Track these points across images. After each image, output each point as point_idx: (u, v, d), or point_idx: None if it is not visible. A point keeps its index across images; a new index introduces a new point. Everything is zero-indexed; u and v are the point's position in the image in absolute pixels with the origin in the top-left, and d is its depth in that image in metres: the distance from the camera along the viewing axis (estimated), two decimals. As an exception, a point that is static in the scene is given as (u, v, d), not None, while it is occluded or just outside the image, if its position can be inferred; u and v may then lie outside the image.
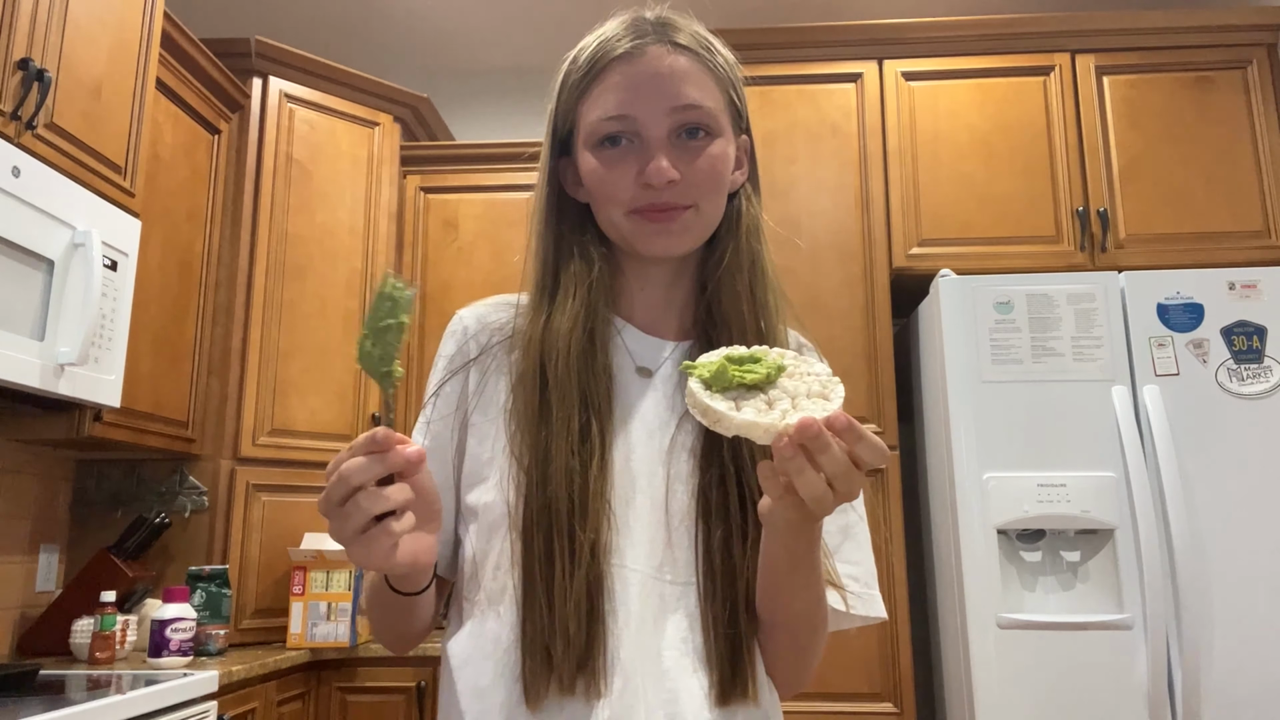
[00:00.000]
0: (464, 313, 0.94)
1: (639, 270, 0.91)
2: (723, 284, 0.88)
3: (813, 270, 2.65)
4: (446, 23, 3.36)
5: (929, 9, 3.18)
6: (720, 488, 0.81)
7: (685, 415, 0.84)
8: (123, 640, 2.25)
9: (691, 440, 0.84)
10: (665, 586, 0.80)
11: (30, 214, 1.83)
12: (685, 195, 0.84)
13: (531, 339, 0.86)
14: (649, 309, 0.91)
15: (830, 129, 2.75)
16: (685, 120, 0.84)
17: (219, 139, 2.74)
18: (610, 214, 0.86)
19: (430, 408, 0.90)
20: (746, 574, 0.79)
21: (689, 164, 0.84)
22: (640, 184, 0.83)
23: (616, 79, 0.84)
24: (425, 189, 3.11)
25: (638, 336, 0.90)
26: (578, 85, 0.87)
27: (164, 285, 2.46)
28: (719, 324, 0.87)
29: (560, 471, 0.79)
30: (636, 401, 0.86)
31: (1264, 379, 2.21)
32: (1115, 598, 2.13)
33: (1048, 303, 2.29)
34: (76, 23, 1.98)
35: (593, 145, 0.85)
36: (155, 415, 2.40)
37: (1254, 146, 2.64)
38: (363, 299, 2.93)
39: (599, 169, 0.85)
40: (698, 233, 0.87)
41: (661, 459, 0.84)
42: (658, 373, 0.88)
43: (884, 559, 2.49)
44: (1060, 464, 2.20)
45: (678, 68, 0.84)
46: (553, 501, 0.78)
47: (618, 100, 0.84)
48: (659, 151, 0.82)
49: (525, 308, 0.89)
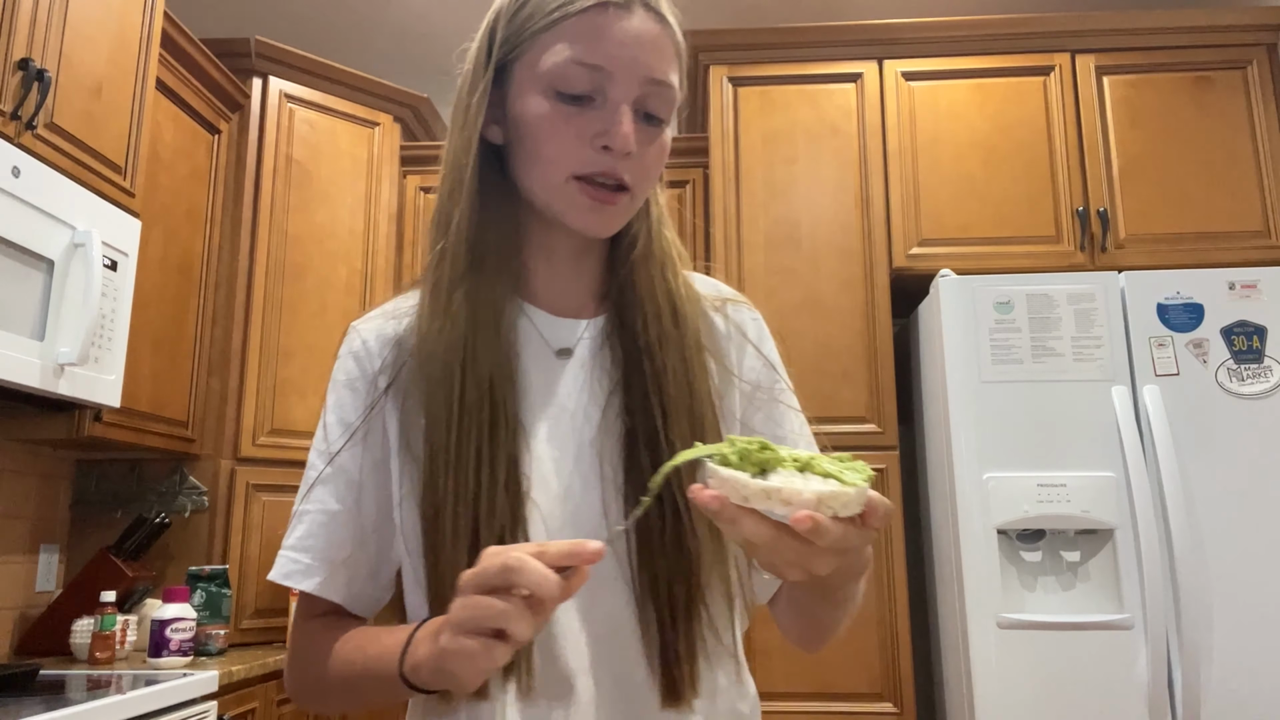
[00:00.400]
0: (362, 327, 0.86)
1: (545, 238, 0.83)
2: (637, 269, 0.82)
3: (813, 270, 2.65)
4: (446, 23, 3.36)
5: (929, 9, 3.17)
6: (653, 470, 0.74)
7: (610, 396, 0.80)
8: (123, 640, 2.25)
9: (616, 426, 0.79)
10: (593, 579, 0.77)
11: (30, 214, 1.83)
12: (633, 176, 0.77)
13: (430, 338, 0.78)
14: (555, 283, 0.84)
15: (830, 129, 2.75)
16: (655, 95, 0.77)
17: (219, 139, 2.74)
18: (548, 174, 0.77)
19: (344, 440, 0.82)
20: (684, 563, 0.74)
21: (644, 144, 0.77)
22: (596, 146, 0.74)
23: (600, 23, 0.74)
24: (425, 189, 3.11)
25: (546, 318, 0.83)
26: (549, 13, 0.76)
27: (164, 285, 2.46)
28: (632, 305, 0.81)
29: (469, 470, 0.73)
30: (557, 385, 0.81)
31: (1264, 379, 2.21)
32: (1115, 598, 2.13)
33: (1048, 303, 2.29)
34: (76, 23, 1.98)
35: (547, 89, 0.75)
36: (155, 415, 2.40)
37: (1254, 146, 2.64)
38: (363, 299, 2.93)
39: (551, 120, 0.75)
40: (626, 218, 0.81)
41: (590, 450, 0.78)
42: (575, 352, 0.83)
43: (884, 559, 2.50)
44: (1060, 464, 2.20)
45: (660, 40, 0.77)
46: (458, 500, 0.73)
47: (596, 47, 0.74)
48: (626, 117, 0.74)
49: (424, 302, 0.81)
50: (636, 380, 0.79)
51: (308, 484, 0.83)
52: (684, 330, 0.81)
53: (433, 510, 0.74)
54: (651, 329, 0.80)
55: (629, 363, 0.80)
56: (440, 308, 0.78)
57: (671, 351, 0.80)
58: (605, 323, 0.83)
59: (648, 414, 0.77)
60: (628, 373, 0.80)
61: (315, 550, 0.81)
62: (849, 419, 2.56)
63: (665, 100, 0.77)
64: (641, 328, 0.80)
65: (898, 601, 2.47)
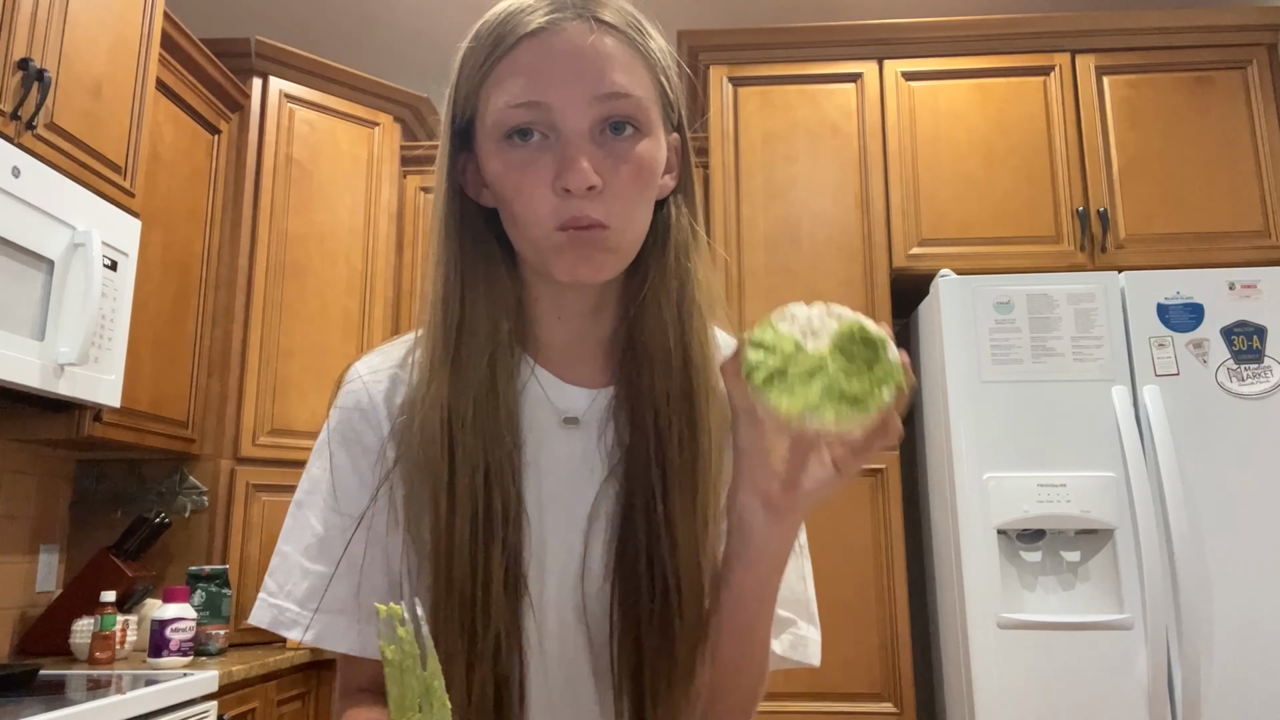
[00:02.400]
0: (366, 379, 0.79)
1: (554, 296, 0.77)
2: (646, 312, 0.75)
3: (813, 270, 2.65)
4: (446, 23, 3.35)
5: (929, 9, 3.17)
6: (638, 559, 0.72)
7: (610, 474, 0.75)
8: (123, 640, 2.25)
9: (610, 505, 0.74)
10: (577, 670, 0.75)
11: (30, 214, 1.83)
12: (607, 208, 0.69)
13: (429, 404, 0.72)
14: (566, 345, 0.78)
15: (830, 129, 2.75)
16: (610, 111, 0.69)
17: (219, 139, 2.74)
18: (527, 234, 0.71)
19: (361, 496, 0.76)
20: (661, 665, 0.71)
21: (613, 168, 0.69)
22: (559, 190, 0.68)
23: (527, 58, 0.69)
24: (425, 189, 3.11)
25: (555, 383, 0.77)
26: (480, 65, 0.71)
27: (164, 285, 2.46)
28: (639, 362, 0.75)
29: (463, 557, 0.69)
30: (562, 455, 0.76)
31: (1264, 379, 2.21)
32: (1115, 598, 2.13)
33: (1048, 303, 2.29)
34: (76, 23, 1.98)
35: (498, 139, 0.70)
36: (155, 415, 2.40)
37: (1254, 146, 2.64)
38: (363, 299, 2.94)
39: (507, 172, 0.70)
40: (625, 252, 0.72)
41: (581, 526, 0.75)
42: (582, 421, 0.77)
43: (884, 559, 2.50)
44: (1060, 464, 2.20)
45: (602, 49, 0.69)
46: (455, 592, 0.69)
47: (528, 84, 0.68)
48: (578, 151, 0.68)
49: (422, 364, 0.74)
50: (640, 451, 0.74)
51: (315, 538, 0.76)
52: (695, 384, 0.74)
53: (433, 600, 0.70)
54: (659, 388, 0.74)
55: (635, 432, 0.75)
56: (437, 384, 0.72)
57: (678, 414, 0.73)
58: (615, 391, 0.77)
59: (647, 488, 0.72)
60: (634, 443, 0.74)
61: (348, 609, 0.74)
62: (849, 419, 2.56)
63: (627, 108, 0.70)
64: (647, 387, 0.74)
65: (898, 602, 2.47)
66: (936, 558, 2.49)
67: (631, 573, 0.72)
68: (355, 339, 2.89)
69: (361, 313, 2.92)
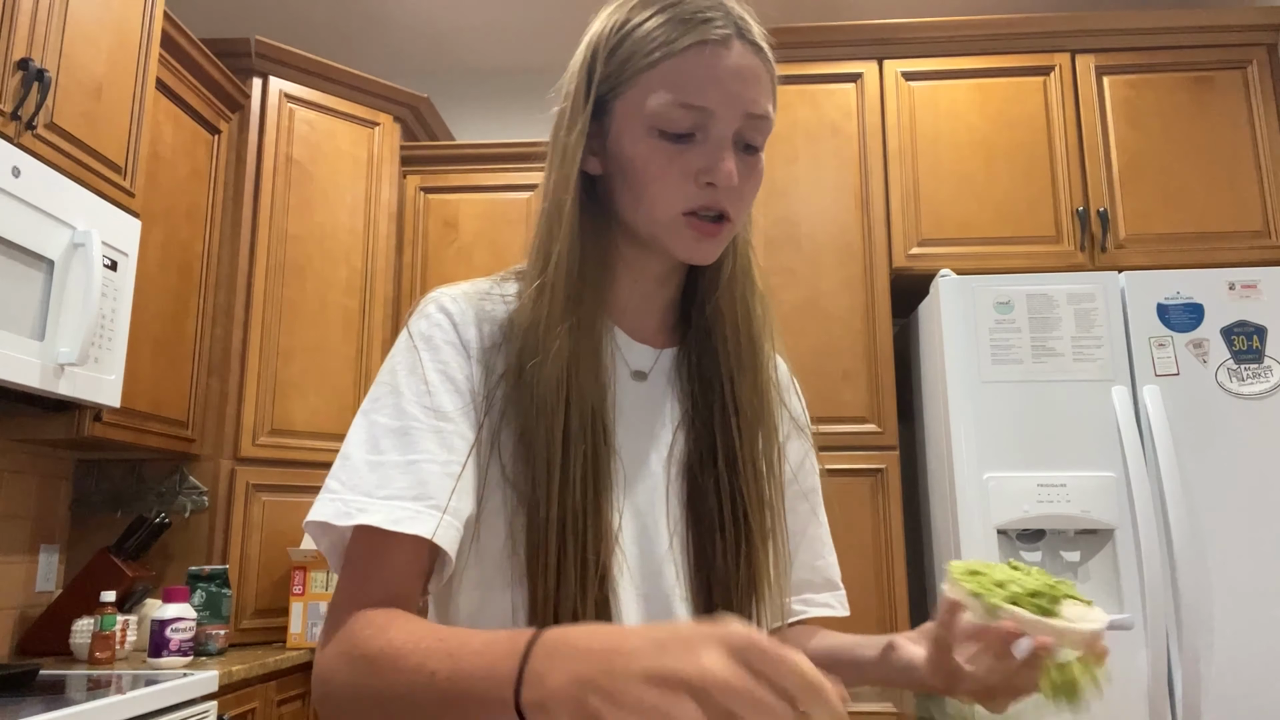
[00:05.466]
0: (446, 302, 0.82)
1: (635, 263, 0.85)
2: (720, 292, 0.86)
3: (813, 270, 2.65)
4: (446, 23, 3.36)
5: (929, 9, 3.17)
6: (714, 496, 0.82)
7: (680, 423, 0.85)
8: (123, 640, 2.25)
9: (683, 450, 0.84)
10: (657, 603, 0.81)
11: (30, 214, 1.83)
12: (735, 206, 0.79)
13: (528, 343, 0.78)
14: (636, 306, 0.87)
15: (830, 129, 2.75)
16: (753, 129, 0.79)
17: (219, 139, 2.74)
18: (655, 211, 0.78)
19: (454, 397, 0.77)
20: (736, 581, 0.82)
21: (746, 175, 0.79)
22: (701, 182, 0.77)
23: (701, 62, 0.76)
24: (425, 189, 3.11)
25: (626, 340, 0.86)
26: (647, 50, 0.77)
27: (164, 285, 2.46)
28: (708, 331, 0.86)
29: (570, 495, 0.76)
30: (633, 409, 0.84)
31: (1264, 379, 2.21)
32: (1115, 598, 2.13)
33: (1048, 303, 2.29)
34: (76, 23, 1.98)
35: (651, 129, 0.77)
36: (155, 415, 2.40)
37: (1254, 146, 2.64)
38: (363, 299, 2.94)
39: (657, 160, 0.77)
40: (726, 244, 0.83)
41: (661, 470, 0.83)
42: (650, 376, 0.86)
43: (884, 559, 2.50)
44: (1060, 464, 2.20)
45: (757, 71, 0.79)
46: (563, 525, 0.75)
47: (699, 90, 0.76)
48: (729, 154, 0.77)
49: (524, 301, 0.80)
50: (708, 403, 0.85)
51: (387, 432, 0.75)
52: (758, 358, 0.87)
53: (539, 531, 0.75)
54: (732, 355, 0.85)
55: (702, 386, 0.85)
56: (545, 342, 0.77)
57: (746, 380, 0.85)
58: (677, 353, 0.88)
59: (726, 434, 0.83)
60: (707, 397, 0.85)
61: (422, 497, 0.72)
62: (849, 419, 2.56)
63: (762, 131, 0.79)
64: (721, 354, 0.85)
65: (898, 601, 2.47)
66: (936, 558, 2.49)
67: (704, 507, 0.82)
68: (355, 339, 2.89)
69: (361, 313, 2.92)
